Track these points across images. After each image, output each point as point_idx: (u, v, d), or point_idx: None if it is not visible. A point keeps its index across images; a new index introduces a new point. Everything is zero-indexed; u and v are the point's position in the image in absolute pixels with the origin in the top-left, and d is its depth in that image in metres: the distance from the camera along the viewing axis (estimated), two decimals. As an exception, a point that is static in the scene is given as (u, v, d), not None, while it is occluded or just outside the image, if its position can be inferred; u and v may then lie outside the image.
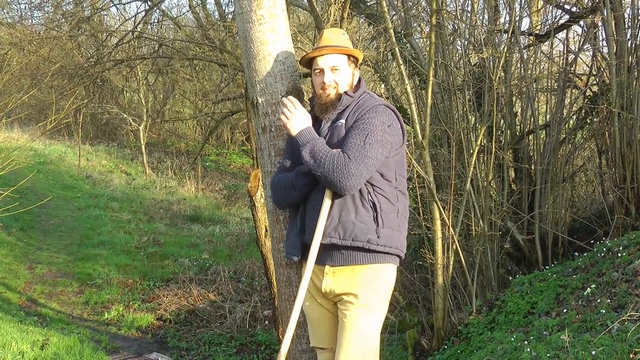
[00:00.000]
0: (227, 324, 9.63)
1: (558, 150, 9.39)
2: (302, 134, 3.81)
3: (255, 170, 6.37)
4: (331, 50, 3.91)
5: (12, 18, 24.47)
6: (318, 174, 3.70)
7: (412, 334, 8.01)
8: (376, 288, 3.83)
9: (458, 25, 9.57)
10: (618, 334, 5.03)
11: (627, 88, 8.47)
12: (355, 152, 3.66)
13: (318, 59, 3.94)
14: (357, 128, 3.75)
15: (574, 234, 9.25)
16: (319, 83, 3.94)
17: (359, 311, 3.79)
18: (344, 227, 3.72)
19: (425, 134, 7.38)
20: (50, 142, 21.92)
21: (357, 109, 3.86)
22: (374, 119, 3.77)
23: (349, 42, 4.02)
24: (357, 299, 3.78)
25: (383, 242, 3.76)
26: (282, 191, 3.97)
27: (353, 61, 4.00)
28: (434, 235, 7.56)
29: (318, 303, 3.97)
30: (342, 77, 3.93)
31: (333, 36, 3.99)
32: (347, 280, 3.81)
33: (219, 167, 23.60)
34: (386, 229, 3.77)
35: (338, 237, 3.72)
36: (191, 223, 15.72)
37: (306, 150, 3.74)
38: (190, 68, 20.87)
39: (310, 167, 3.72)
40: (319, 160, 3.68)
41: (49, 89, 19.32)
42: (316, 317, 4.03)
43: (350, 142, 3.71)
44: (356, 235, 3.71)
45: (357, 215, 3.73)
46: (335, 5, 6.95)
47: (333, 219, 3.73)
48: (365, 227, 3.72)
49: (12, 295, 9.88)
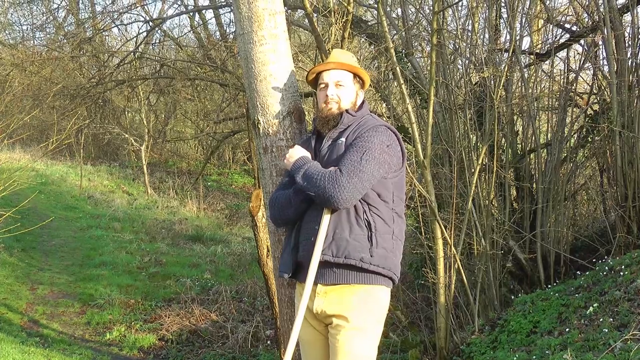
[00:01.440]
0: (229, 344, 9.59)
1: (559, 169, 9.39)
2: (296, 162, 3.85)
3: (256, 190, 6.39)
4: (337, 65, 3.96)
5: (14, 39, 24.62)
6: (312, 193, 3.71)
7: (415, 353, 7.98)
8: (369, 309, 3.81)
9: (459, 44, 9.61)
10: (621, 353, 5.01)
11: (628, 107, 8.48)
12: (350, 167, 3.68)
13: (324, 74, 3.98)
14: (355, 146, 3.77)
15: (576, 252, 9.23)
16: (323, 97, 3.97)
17: (351, 334, 3.76)
18: (337, 245, 3.71)
19: (426, 153, 7.39)
20: (52, 162, 21.94)
21: (357, 128, 3.88)
22: (373, 138, 3.79)
23: (357, 64, 4.05)
24: (347, 322, 3.76)
25: (376, 262, 3.75)
26: (279, 208, 3.99)
27: (358, 81, 4.03)
28: (436, 254, 7.55)
29: (309, 324, 3.94)
30: (346, 94, 3.95)
31: (341, 55, 4.04)
32: (339, 300, 3.78)
33: (221, 187, 23.59)
34: (380, 249, 3.76)
35: (331, 254, 3.72)
36: (193, 243, 15.69)
37: (299, 174, 3.77)
38: (192, 88, 20.93)
39: (304, 188, 3.74)
40: (312, 179, 3.71)
41: (50, 110, 19.38)
42: (308, 339, 4.00)
43: (346, 158, 3.73)
44: (349, 253, 3.70)
45: (351, 233, 3.72)
46: (336, 25, 6.97)
47: (327, 236, 3.73)
48: (359, 245, 3.71)
49: (13, 316, 9.85)
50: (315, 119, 4.08)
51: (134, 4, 17.77)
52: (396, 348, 8.47)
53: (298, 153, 3.90)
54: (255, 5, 4.14)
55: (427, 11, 10.00)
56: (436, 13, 7.75)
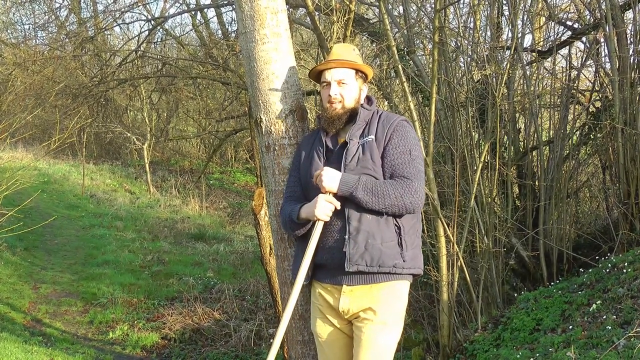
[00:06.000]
0: (232, 343, 9.58)
1: (562, 166, 9.39)
2: (342, 184, 3.74)
3: (259, 189, 6.38)
4: (338, 63, 3.93)
5: (16, 38, 24.60)
6: (385, 209, 3.70)
7: (418, 351, 7.98)
8: (393, 305, 3.82)
9: (461, 42, 9.60)
10: (624, 351, 5.01)
11: (630, 104, 8.49)
12: (410, 170, 3.74)
13: (325, 72, 3.97)
14: (397, 146, 3.80)
15: (579, 250, 9.23)
16: (326, 96, 3.95)
17: (377, 328, 3.76)
18: (371, 255, 3.69)
19: (428, 151, 7.38)
20: (54, 161, 21.94)
21: (383, 125, 3.88)
22: (407, 134, 3.85)
23: (359, 58, 4.03)
24: (375, 315, 3.76)
25: (408, 265, 3.78)
26: (285, 225, 4.06)
27: (361, 76, 4.01)
28: (439, 252, 7.55)
29: (331, 323, 3.93)
30: (348, 92, 3.93)
31: (342, 51, 4.01)
32: (365, 297, 3.79)
33: (223, 185, 23.60)
34: (410, 251, 3.78)
35: (365, 264, 3.69)
36: (195, 241, 15.70)
37: (359, 192, 3.69)
38: (194, 87, 20.96)
39: (373, 206, 3.70)
40: (379, 193, 3.68)
41: (52, 109, 19.39)
42: (327, 339, 3.98)
43: (397, 161, 3.77)
44: (383, 262, 3.70)
45: (383, 241, 3.71)
46: (338, 24, 6.96)
47: (359, 247, 3.69)
48: (392, 253, 3.72)
49: (16, 315, 9.86)
50: (319, 118, 4.06)
51: (135, 2, 17.75)
52: (399, 346, 8.44)
53: (332, 174, 3.76)
54: (258, 3, 4.13)
55: (428, 9, 10.00)
56: (438, 11, 7.74)
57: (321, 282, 3.92)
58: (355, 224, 3.72)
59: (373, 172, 3.76)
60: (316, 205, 3.74)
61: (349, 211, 3.74)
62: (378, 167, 3.78)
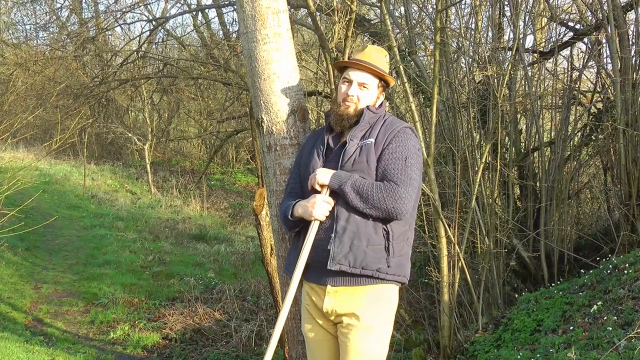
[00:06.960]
0: (233, 343, 9.58)
1: (563, 167, 9.39)
2: (334, 177, 3.75)
3: (260, 189, 6.38)
4: (368, 68, 3.89)
5: (17, 39, 24.68)
6: (367, 210, 3.67)
7: (418, 352, 7.98)
8: (379, 308, 3.79)
9: (462, 42, 9.60)
10: (625, 352, 5.01)
11: (631, 105, 8.49)
12: (401, 176, 3.68)
13: (351, 71, 3.93)
14: (394, 152, 3.76)
15: (580, 251, 9.23)
16: (343, 93, 3.92)
17: (362, 333, 3.74)
18: (355, 255, 3.66)
19: (430, 152, 7.38)
20: (55, 161, 21.96)
21: (384, 128, 3.85)
22: (407, 142, 3.79)
23: (387, 66, 4.01)
24: (359, 320, 3.74)
25: (392, 271, 3.73)
26: (281, 221, 4.07)
27: (382, 85, 3.99)
28: (440, 252, 7.55)
29: (318, 324, 3.92)
30: (366, 97, 3.91)
31: (375, 55, 3.97)
32: (349, 299, 3.76)
33: (224, 186, 23.60)
34: (396, 257, 3.74)
35: (348, 264, 3.67)
36: (196, 242, 15.70)
37: (347, 186, 3.69)
38: (195, 87, 20.95)
39: (357, 205, 3.68)
40: (365, 194, 3.66)
41: (54, 109, 19.41)
42: (315, 340, 3.97)
43: (391, 167, 3.72)
44: (367, 264, 3.67)
45: (369, 244, 3.68)
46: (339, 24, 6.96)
47: (343, 246, 3.67)
48: (376, 257, 3.68)
49: (17, 315, 9.86)
50: (328, 114, 4.06)
51: (137, 3, 17.75)
52: (400, 346, 8.47)
53: (324, 171, 3.80)
54: (259, 3, 4.13)
55: (430, 10, 10.01)
56: (439, 11, 7.74)
57: (308, 281, 3.91)
58: (343, 223, 3.70)
59: (366, 175, 3.74)
60: (314, 206, 3.74)
61: (339, 209, 3.73)
62: (372, 170, 3.75)
